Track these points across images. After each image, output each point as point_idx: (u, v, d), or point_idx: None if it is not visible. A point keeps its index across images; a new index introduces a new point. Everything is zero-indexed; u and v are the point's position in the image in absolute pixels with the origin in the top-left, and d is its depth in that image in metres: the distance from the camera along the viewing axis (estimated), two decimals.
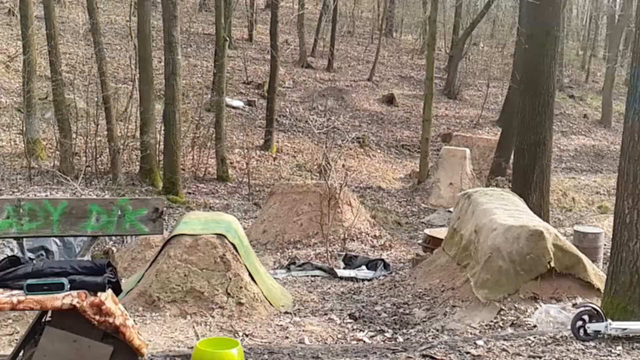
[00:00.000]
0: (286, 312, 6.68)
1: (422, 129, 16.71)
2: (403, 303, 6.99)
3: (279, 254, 9.98)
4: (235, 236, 6.91)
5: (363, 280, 8.57)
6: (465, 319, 6.01)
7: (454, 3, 25.34)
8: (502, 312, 5.89)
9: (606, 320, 4.79)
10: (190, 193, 14.05)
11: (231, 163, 15.90)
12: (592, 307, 4.92)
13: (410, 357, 4.66)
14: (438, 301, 6.70)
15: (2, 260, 3.73)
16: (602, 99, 23.92)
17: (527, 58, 10.65)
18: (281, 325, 6.20)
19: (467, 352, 4.68)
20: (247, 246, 7.43)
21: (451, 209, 11.75)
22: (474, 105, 22.69)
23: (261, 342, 5.67)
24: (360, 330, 6.18)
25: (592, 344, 4.71)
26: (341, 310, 6.93)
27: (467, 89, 24.21)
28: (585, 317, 4.82)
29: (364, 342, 5.81)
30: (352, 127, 19.26)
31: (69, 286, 3.49)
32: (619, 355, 4.51)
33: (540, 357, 4.52)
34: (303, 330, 6.07)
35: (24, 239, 5.60)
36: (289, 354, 4.83)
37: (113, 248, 9.59)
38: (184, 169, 14.82)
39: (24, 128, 13.96)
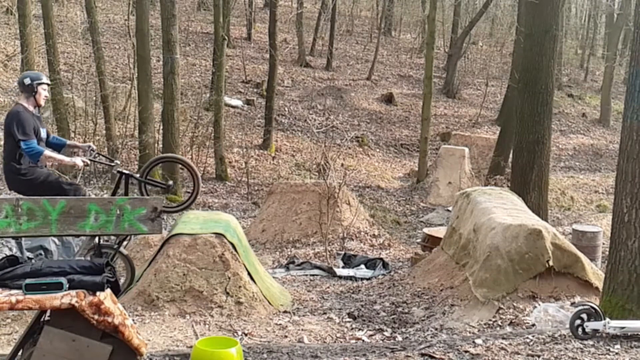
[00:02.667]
0: (285, 311, 6.68)
1: (421, 128, 16.71)
2: (402, 302, 7.00)
3: (277, 253, 9.99)
4: (234, 235, 6.91)
5: (362, 279, 8.57)
6: (464, 317, 6.02)
7: (453, 2, 25.34)
8: (500, 311, 5.90)
9: (604, 318, 4.80)
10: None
11: (230, 162, 15.90)
12: (590, 305, 4.92)
13: (409, 356, 4.66)
14: (437, 300, 6.71)
15: (1, 259, 3.73)
16: (600, 98, 23.93)
17: (526, 57, 10.66)
18: (280, 324, 6.21)
19: (466, 351, 4.69)
20: (246, 245, 7.43)
21: (450, 208, 11.76)
22: (473, 104, 22.70)
23: (260, 341, 5.68)
24: (359, 329, 6.19)
25: (591, 342, 4.72)
26: (340, 309, 6.94)
27: (466, 88, 24.22)
28: (584, 316, 4.82)
29: (363, 341, 5.82)
30: (351, 126, 19.27)
31: (67, 286, 3.49)
32: (617, 353, 4.51)
33: (538, 356, 4.53)
34: (302, 330, 6.07)
35: (23, 239, 5.58)
36: (288, 353, 4.83)
37: None
38: (182, 168, 14.81)
39: None
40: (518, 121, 10.73)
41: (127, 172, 5.35)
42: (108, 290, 3.65)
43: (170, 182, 6.37)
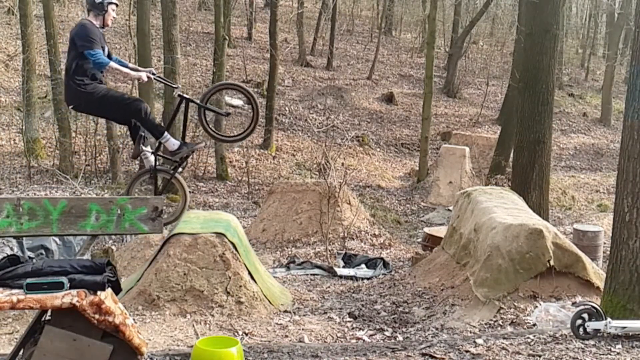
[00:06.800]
0: (285, 311, 6.68)
1: (422, 127, 16.71)
2: (402, 302, 6.99)
3: (278, 252, 9.99)
4: (235, 235, 6.92)
5: (362, 279, 8.57)
6: (464, 317, 6.01)
7: (453, 1, 25.32)
8: (501, 311, 5.90)
9: (606, 318, 4.79)
10: (189, 192, 14.04)
11: (230, 162, 15.90)
12: (591, 305, 4.92)
13: (410, 356, 4.66)
14: (437, 300, 6.71)
15: (2, 259, 3.73)
16: (601, 97, 23.91)
17: (527, 56, 10.65)
18: (281, 324, 6.21)
19: (467, 351, 4.69)
20: (247, 245, 7.43)
21: (450, 208, 11.75)
22: (474, 104, 22.69)
23: (261, 340, 5.68)
24: (360, 329, 6.18)
25: (592, 342, 4.71)
26: (341, 309, 6.93)
27: (467, 88, 24.21)
28: (585, 316, 4.82)
29: (364, 340, 5.82)
30: (351, 125, 19.26)
31: (68, 285, 3.49)
32: (618, 353, 4.51)
33: (539, 356, 4.53)
34: (302, 329, 6.07)
35: (24, 238, 5.57)
36: (288, 353, 4.83)
37: (112, 247, 9.59)
38: (183, 168, 14.82)
39: (24, 127, 13.96)
40: (519, 120, 10.72)
41: (187, 96, 5.29)
42: (109, 290, 3.65)
43: (229, 110, 6.33)
